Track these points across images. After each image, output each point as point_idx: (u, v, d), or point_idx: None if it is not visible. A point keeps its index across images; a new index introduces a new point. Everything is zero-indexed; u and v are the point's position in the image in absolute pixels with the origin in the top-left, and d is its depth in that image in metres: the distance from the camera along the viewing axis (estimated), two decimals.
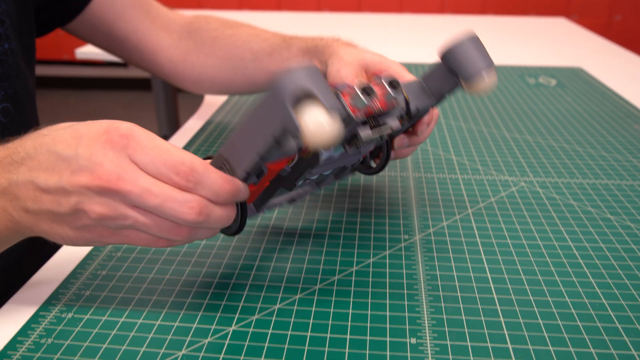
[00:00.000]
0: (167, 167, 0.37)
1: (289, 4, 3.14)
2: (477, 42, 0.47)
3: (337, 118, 0.34)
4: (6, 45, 0.57)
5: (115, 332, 0.42)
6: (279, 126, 0.35)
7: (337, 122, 0.34)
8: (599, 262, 0.51)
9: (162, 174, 0.37)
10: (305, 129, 0.33)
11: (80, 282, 0.48)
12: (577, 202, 0.62)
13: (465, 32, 0.47)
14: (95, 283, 0.48)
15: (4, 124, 0.58)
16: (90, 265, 0.50)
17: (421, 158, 0.73)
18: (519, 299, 0.46)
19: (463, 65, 0.47)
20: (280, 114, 0.34)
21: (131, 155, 0.37)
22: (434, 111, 0.55)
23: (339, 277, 0.49)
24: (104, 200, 0.37)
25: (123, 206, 0.37)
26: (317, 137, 0.33)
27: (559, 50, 1.38)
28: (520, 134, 0.82)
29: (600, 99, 0.98)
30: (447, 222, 0.58)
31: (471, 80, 0.47)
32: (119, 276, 0.49)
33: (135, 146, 0.37)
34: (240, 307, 0.45)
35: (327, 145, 0.34)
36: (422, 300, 0.46)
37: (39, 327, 0.43)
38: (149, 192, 0.37)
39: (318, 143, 0.34)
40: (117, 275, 0.49)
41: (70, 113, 3.25)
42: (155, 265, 0.50)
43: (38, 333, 0.42)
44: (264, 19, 1.68)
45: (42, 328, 0.43)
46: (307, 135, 0.34)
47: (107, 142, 0.37)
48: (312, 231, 0.56)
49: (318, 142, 0.34)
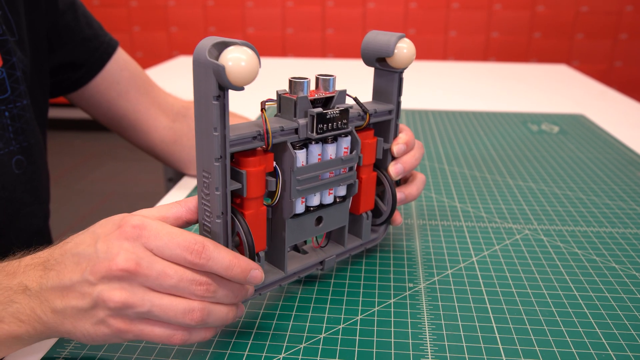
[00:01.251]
0: (180, 248, 0.40)
1: (295, 50, 3.20)
2: (380, 32, 0.53)
3: (249, 50, 0.39)
4: (25, 102, 0.60)
5: None
6: (212, 82, 0.39)
7: (251, 53, 0.39)
8: (605, 312, 0.51)
9: (176, 255, 0.40)
10: (227, 66, 0.38)
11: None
12: (581, 251, 0.62)
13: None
14: None
15: (17, 175, 0.60)
16: None
17: (425, 205, 0.74)
18: (525, 349, 0.46)
19: (378, 47, 0.52)
20: (207, 71, 0.39)
21: (145, 243, 0.40)
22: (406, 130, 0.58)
23: (344, 326, 0.49)
24: (123, 286, 0.39)
25: (141, 289, 0.39)
26: (240, 69, 0.38)
27: (561, 97, 1.39)
28: (523, 181, 0.82)
29: (603, 146, 0.99)
30: (452, 270, 0.58)
31: (391, 54, 0.52)
32: None
33: (148, 234, 0.40)
34: (245, 356, 0.45)
35: (252, 74, 0.39)
36: (427, 350, 0.46)
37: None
38: (164, 274, 0.39)
39: (242, 74, 0.38)
40: None
41: (76, 154, 3.28)
42: None
43: None
44: (270, 65, 1.71)
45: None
46: (231, 70, 0.38)
47: (121, 235, 0.40)
48: (317, 279, 0.56)
49: (242, 73, 0.38)
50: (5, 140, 0.58)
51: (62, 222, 2.37)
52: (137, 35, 3.31)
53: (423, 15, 3.08)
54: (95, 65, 0.73)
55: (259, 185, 0.45)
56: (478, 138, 1.04)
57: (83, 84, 0.74)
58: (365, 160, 0.54)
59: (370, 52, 0.54)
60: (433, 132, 1.08)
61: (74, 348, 0.46)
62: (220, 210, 0.43)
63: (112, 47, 0.75)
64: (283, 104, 0.48)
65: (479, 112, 1.22)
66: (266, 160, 0.46)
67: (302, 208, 0.51)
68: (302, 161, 0.48)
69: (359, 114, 0.53)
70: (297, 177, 0.48)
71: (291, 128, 0.47)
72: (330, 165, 0.50)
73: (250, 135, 0.44)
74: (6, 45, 0.58)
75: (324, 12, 3.13)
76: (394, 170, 0.56)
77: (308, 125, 0.47)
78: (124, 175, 2.96)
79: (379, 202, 0.58)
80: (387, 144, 0.56)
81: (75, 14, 0.71)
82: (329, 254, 0.55)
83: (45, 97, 0.69)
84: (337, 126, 0.49)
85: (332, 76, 0.49)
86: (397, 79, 0.55)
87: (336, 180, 0.51)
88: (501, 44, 3.09)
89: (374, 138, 0.55)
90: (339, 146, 0.51)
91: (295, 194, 0.48)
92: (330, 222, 0.54)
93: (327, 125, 0.48)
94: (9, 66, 0.58)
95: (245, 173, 0.44)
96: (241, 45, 0.39)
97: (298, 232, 0.51)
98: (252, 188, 0.45)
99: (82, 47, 0.72)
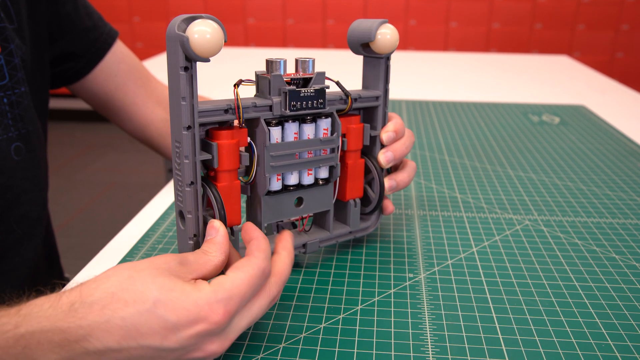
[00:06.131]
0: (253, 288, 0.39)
1: (295, 41, 3.19)
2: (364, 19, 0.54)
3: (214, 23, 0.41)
4: (23, 89, 0.60)
5: None
6: (180, 53, 0.41)
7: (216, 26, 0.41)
8: (605, 302, 0.51)
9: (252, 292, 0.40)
10: (192, 38, 0.40)
11: None
12: (581, 241, 0.62)
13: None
14: None
15: (16, 162, 0.60)
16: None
17: (426, 196, 0.74)
18: (525, 339, 0.46)
19: (361, 33, 0.53)
20: (176, 44, 0.41)
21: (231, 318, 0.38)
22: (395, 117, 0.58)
23: (344, 316, 0.49)
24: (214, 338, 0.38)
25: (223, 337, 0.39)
26: (204, 41, 0.40)
27: (561, 88, 1.39)
28: (524, 172, 0.82)
29: (604, 137, 0.99)
30: (452, 260, 0.58)
31: (373, 38, 0.52)
32: None
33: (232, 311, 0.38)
34: (245, 346, 0.45)
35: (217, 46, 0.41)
36: (427, 340, 0.46)
37: None
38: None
39: (206, 45, 0.40)
40: None
41: (77, 145, 3.28)
42: None
43: None
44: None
45: None
46: (196, 42, 0.40)
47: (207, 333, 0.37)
48: (317, 269, 0.56)
49: (206, 44, 0.40)
50: (4, 127, 0.58)
51: (63, 213, 2.37)
52: (138, 26, 3.30)
53: (424, 6, 3.07)
54: (94, 56, 0.74)
55: (230, 158, 0.46)
56: (479, 129, 1.04)
57: (83, 75, 0.74)
58: (351, 145, 0.55)
59: (354, 39, 0.54)
60: (434, 122, 1.08)
61: None
62: (190, 179, 0.44)
63: (112, 37, 0.75)
64: (260, 84, 0.49)
65: (480, 103, 1.22)
66: (239, 135, 0.47)
67: (279, 185, 0.51)
68: (277, 138, 0.49)
69: (341, 97, 0.53)
70: (271, 154, 0.48)
71: (264, 105, 0.48)
72: (307, 145, 0.51)
73: (221, 108, 0.46)
74: (4, 32, 0.58)
75: (324, 3, 3.11)
76: (384, 158, 0.56)
77: (282, 102, 0.48)
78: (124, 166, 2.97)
79: (368, 190, 0.58)
80: (375, 131, 0.56)
81: (76, 4, 0.71)
82: (313, 238, 0.55)
83: (46, 86, 0.69)
84: (313, 105, 0.49)
85: (311, 58, 0.50)
86: (384, 65, 0.55)
87: (315, 161, 0.52)
88: (502, 35, 3.08)
89: (361, 124, 0.55)
90: (318, 127, 0.52)
91: (269, 170, 0.49)
92: (311, 205, 0.54)
93: (301, 103, 0.48)
94: (7, 53, 0.58)
95: (216, 145, 0.45)
96: (206, 19, 0.41)
97: (276, 210, 0.52)
98: (224, 160, 0.46)
99: (82, 38, 0.72)
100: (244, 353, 0.44)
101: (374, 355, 0.44)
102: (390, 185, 0.57)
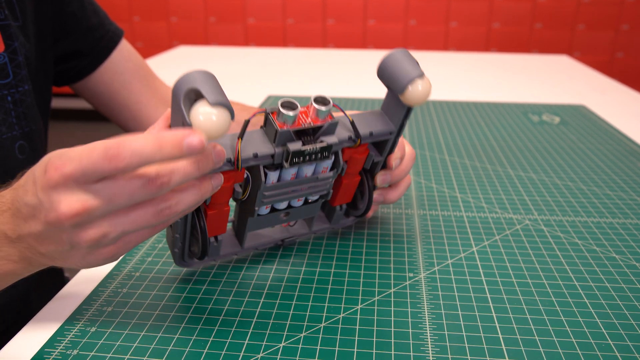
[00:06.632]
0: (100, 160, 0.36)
1: (295, 40, 3.19)
2: (406, 54, 0.49)
3: (222, 111, 0.38)
4: (26, 87, 0.60)
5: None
6: (180, 123, 0.40)
7: (223, 114, 0.38)
8: (605, 302, 0.51)
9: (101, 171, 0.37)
10: (195, 121, 0.38)
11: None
12: (582, 241, 0.62)
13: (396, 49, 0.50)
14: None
15: (20, 160, 0.60)
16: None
17: (426, 195, 0.74)
18: (525, 338, 0.46)
19: (394, 77, 0.49)
20: (179, 112, 0.40)
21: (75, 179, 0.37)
22: (405, 145, 0.58)
23: (344, 315, 0.49)
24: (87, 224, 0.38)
25: (104, 220, 0.38)
26: (206, 127, 0.38)
27: (561, 87, 1.39)
28: (524, 172, 0.82)
29: (604, 137, 0.99)
30: (452, 260, 0.58)
31: (403, 90, 0.48)
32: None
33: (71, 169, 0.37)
34: (245, 344, 0.45)
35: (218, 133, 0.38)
36: (427, 340, 0.46)
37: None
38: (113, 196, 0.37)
39: (208, 132, 0.38)
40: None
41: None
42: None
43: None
44: (270, 55, 1.70)
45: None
46: (197, 126, 0.38)
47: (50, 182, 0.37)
48: (317, 268, 0.56)
49: (208, 131, 0.38)
50: (8, 125, 0.58)
51: None
52: (138, 25, 3.30)
53: (424, 5, 3.07)
54: (100, 54, 0.73)
55: (223, 196, 0.47)
56: (479, 128, 1.04)
57: (88, 73, 0.74)
58: (350, 170, 0.54)
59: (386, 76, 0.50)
60: (434, 122, 1.08)
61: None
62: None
63: (118, 36, 0.75)
64: (267, 127, 0.47)
65: (480, 103, 1.22)
66: (236, 176, 0.46)
67: (268, 211, 0.53)
68: (273, 180, 0.49)
69: (351, 137, 0.50)
70: (265, 193, 0.49)
71: (266, 154, 0.46)
72: (304, 182, 0.50)
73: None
74: (8, 29, 0.58)
75: (324, 2, 3.11)
76: (382, 181, 0.57)
77: (284, 155, 0.47)
78: None
79: (357, 198, 0.59)
80: (380, 158, 0.55)
81: (82, 2, 0.71)
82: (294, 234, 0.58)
83: (49, 85, 0.69)
84: (316, 158, 0.48)
85: (327, 104, 0.47)
86: (405, 110, 0.51)
87: (308, 192, 0.52)
88: (502, 35, 3.08)
89: (366, 152, 0.53)
90: (318, 165, 0.50)
91: (259, 204, 0.50)
92: (298, 214, 0.56)
93: (303, 158, 0.47)
94: (11, 51, 0.58)
95: None
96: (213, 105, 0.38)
97: (262, 222, 0.54)
98: (217, 197, 0.47)
99: (87, 36, 0.72)
100: (244, 352, 0.44)
101: (374, 354, 0.44)
102: (377, 200, 0.59)
